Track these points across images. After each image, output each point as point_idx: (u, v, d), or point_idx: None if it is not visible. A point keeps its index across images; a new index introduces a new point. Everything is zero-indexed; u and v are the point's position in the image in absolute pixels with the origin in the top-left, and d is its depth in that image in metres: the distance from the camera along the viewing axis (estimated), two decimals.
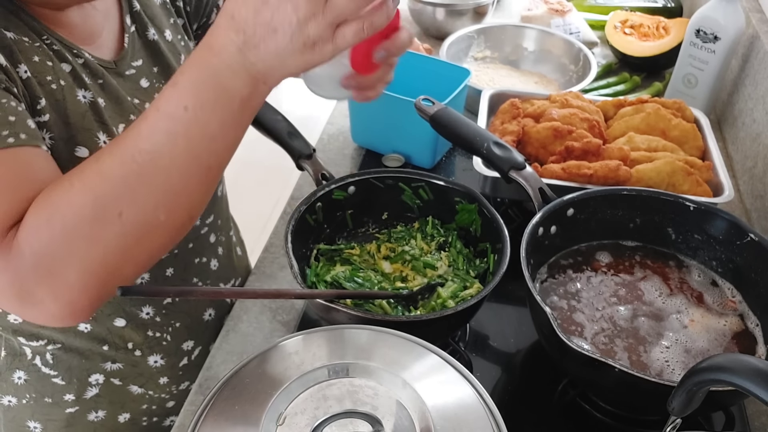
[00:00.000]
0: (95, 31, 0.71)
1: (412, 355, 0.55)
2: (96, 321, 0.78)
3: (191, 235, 0.83)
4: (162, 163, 0.54)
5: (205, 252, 0.87)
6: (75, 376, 0.80)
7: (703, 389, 0.47)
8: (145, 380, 0.85)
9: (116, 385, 0.83)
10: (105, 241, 0.55)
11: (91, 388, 0.82)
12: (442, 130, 0.87)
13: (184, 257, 0.83)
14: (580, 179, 0.91)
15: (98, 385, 0.82)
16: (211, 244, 0.89)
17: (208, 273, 0.89)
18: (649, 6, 1.51)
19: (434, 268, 0.83)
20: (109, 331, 0.79)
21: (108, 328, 0.79)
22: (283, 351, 0.55)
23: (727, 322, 0.78)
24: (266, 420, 0.48)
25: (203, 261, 0.87)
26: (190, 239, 0.83)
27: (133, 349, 0.82)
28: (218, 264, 0.90)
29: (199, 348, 0.89)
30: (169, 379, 0.87)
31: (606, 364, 0.63)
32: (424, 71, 1.15)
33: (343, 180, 0.85)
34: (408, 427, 0.48)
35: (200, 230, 0.85)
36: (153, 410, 0.88)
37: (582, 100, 1.05)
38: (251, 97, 0.56)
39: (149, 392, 0.86)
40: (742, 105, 1.16)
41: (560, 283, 0.82)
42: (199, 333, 0.89)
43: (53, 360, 0.79)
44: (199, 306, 0.88)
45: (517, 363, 0.83)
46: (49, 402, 0.81)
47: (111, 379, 0.82)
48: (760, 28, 1.15)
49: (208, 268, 0.88)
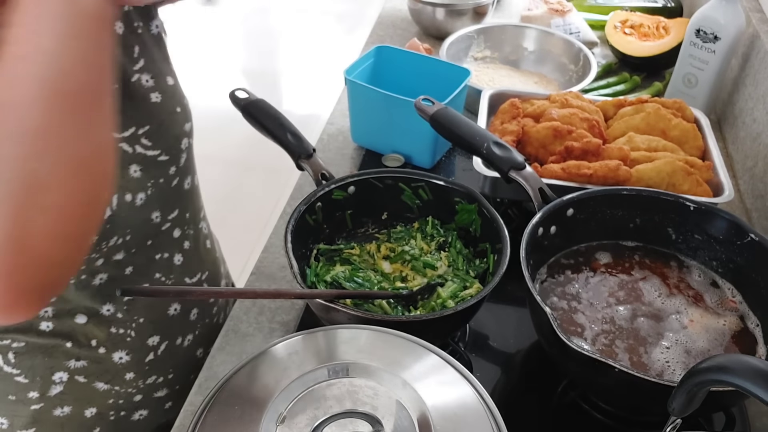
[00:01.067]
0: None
1: (412, 355, 0.55)
2: (57, 319, 0.77)
3: (150, 232, 0.80)
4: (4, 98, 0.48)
5: (167, 247, 0.84)
6: (38, 374, 0.79)
7: (704, 390, 0.47)
8: (110, 377, 0.84)
9: (81, 382, 0.82)
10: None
11: (55, 386, 0.81)
12: (442, 130, 0.87)
13: (144, 254, 0.81)
14: (580, 179, 0.91)
15: (62, 383, 0.81)
16: (175, 239, 0.85)
17: (172, 268, 0.86)
18: (649, 6, 1.51)
19: (434, 268, 0.83)
20: (72, 329, 0.78)
21: (70, 326, 0.78)
22: (283, 351, 0.55)
23: (726, 322, 0.78)
24: (266, 420, 0.48)
25: (165, 257, 0.84)
26: (149, 236, 0.80)
27: (96, 346, 0.81)
28: (183, 258, 0.87)
29: (166, 343, 0.88)
30: (136, 375, 0.86)
31: (606, 364, 0.63)
32: (424, 71, 1.15)
33: (342, 180, 0.85)
34: (408, 427, 0.48)
35: (161, 226, 0.82)
36: (120, 405, 0.87)
37: (582, 100, 1.05)
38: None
39: (115, 388, 0.85)
40: (743, 105, 1.16)
41: (560, 283, 0.82)
42: (165, 328, 0.87)
43: (15, 359, 0.78)
44: (164, 301, 0.87)
45: (517, 363, 0.83)
46: (13, 399, 0.80)
47: (75, 376, 0.81)
48: (761, 28, 1.15)
49: (171, 264, 0.86)
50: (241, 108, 0.90)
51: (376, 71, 1.16)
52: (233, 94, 0.91)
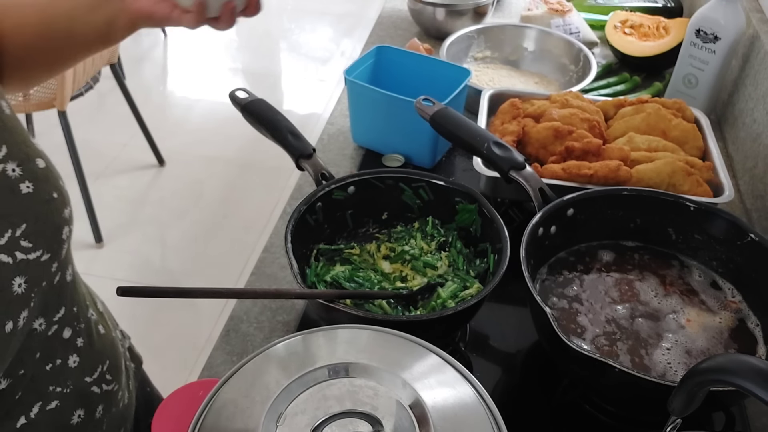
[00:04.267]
0: None
1: (412, 355, 0.55)
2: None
3: (35, 345, 0.67)
4: None
5: (57, 354, 0.72)
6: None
7: (704, 389, 0.47)
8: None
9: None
10: None
11: None
12: (442, 130, 0.87)
13: (32, 372, 0.68)
14: (580, 179, 0.91)
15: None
16: (65, 341, 0.73)
17: (67, 373, 0.73)
18: (649, 6, 1.51)
19: (434, 268, 0.83)
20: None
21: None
22: (283, 351, 0.55)
23: (722, 320, 0.78)
24: (266, 420, 0.48)
25: (58, 363, 0.72)
26: (35, 348, 0.67)
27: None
28: (79, 358, 0.75)
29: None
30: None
31: (606, 364, 0.63)
32: (424, 71, 1.15)
33: (343, 180, 0.85)
34: (408, 427, 0.48)
35: (47, 332, 0.69)
36: None
37: (582, 100, 1.05)
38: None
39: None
40: (743, 105, 1.16)
41: (560, 283, 0.82)
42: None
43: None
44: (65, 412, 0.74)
45: (517, 363, 0.83)
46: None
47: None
48: (761, 28, 1.15)
49: (66, 369, 0.73)
50: (241, 108, 0.90)
51: (376, 71, 1.16)
52: (233, 95, 0.91)
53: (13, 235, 0.61)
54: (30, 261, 0.63)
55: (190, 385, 0.73)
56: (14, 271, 0.61)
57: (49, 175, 0.67)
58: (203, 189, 2.74)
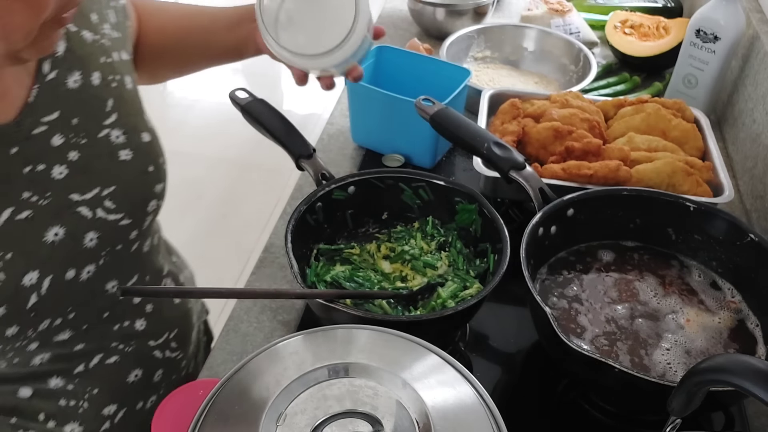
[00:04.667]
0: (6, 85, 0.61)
1: (412, 355, 0.55)
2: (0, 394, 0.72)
3: (105, 304, 0.74)
4: None
5: (126, 316, 0.78)
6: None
7: (703, 389, 0.47)
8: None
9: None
10: None
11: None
12: (442, 130, 0.87)
13: (98, 329, 0.75)
14: (580, 179, 0.91)
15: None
16: (135, 306, 0.79)
17: (133, 335, 0.80)
18: (649, 6, 1.51)
19: (434, 268, 0.83)
20: (15, 404, 0.73)
21: (12, 401, 0.73)
22: (283, 351, 0.55)
23: (721, 319, 0.78)
24: (266, 420, 0.48)
25: (125, 325, 0.78)
26: (104, 308, 0.74)
27: (45, 419, 0.74)
28: (146, 323, 0.81)
29: (124, 410, 0.81)
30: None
31: (606, 364, 0.63)
32: (424, 71, 1.15)
33: (343, 180, 0.85)
34: (408, 427, 0.48)
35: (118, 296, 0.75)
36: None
37: (582, 100, 1.05)
38: None
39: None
40: (743, 105, 1.16)
41: (560, 283, 0.82)
42: (124, 396, 0.81)
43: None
44: (122, 369, 0.80)
45: (517, 363, 0.83)
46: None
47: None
48: (761, 29, 1.15)
49: (132, 331, 0.79)
50: (241, 108, 0.90)
51: (376, 71, 1.16)
52: (233, 95, 0.91)
53: (99, 194, 0.67)
54: (108, 221, 0.69)
55: (190, 385, 0.73)
56: (90, 225, 0.67)
57: (151, 150, 0.74)
58: (203, 189, 2.73)
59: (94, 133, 0.68)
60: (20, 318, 0.64)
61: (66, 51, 0.67)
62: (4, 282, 0.61)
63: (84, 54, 0.68)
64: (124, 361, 0.80)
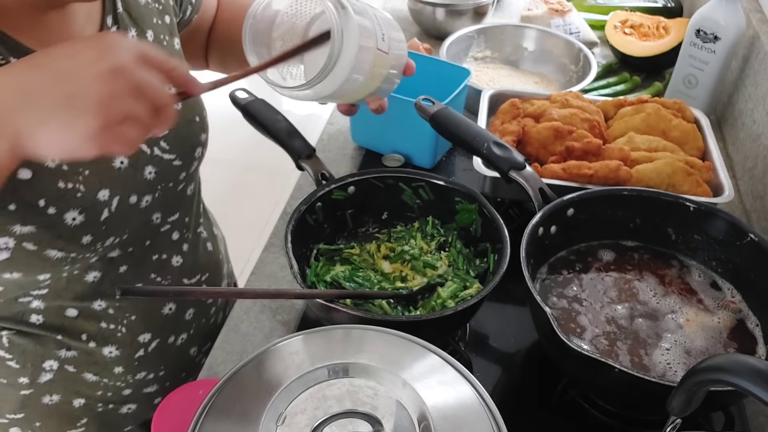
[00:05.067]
0: (74, 36, 0.68)
1: (412, 355, 0.55)
2: (47, 312, 0.77)
3: (149, 233, 0.81)
4: None
5: (165, 249, 0.85)
6: (29, 360, 0.80)
7: (703, 389, 0.47)
8: (99, 369, 0.84)
9: (70, 372, 0.82)
10: None
11: (45, 373, 0.81)
12: (442, 130, 0.87)
13: (139, 254, 0.81)
14: (580, 179, 0.91)
15: (52, 371, 0.81)
16: (173, 242, 0.87)
17: (169, 269, 0.87)
18: (649, 6, 1.51)
19: (434, 268, 0.83)
20: (62, 323, 0.79)
21: (60, 320, 0.79)
22: (283, 351, 0.55)
23: (721, 319, 0.78)
24: (266, 420, 0.48)
25: (163, 258, 0.85)
26: (147, 236, 0.81)
27: (87, 340, 0.81)
28: (182, 260, 0.88)
29: (157, 341, 0.88)
30: (125, 369, 0.86)
31: (606, 364, 0.63)
32: (424, 71, 1.14)
33: (343, 180, 0.85)
34: (408, 427, 0.48)
35: (160, 228, 0.83)
36: (108, 397, 0.87)
37: (582, 100, 1.05)
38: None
39: (104, 380, 0.85)
40: (743, 105, 1.16)
41: (560, 283, 0.82)
42: (157, 327, 0.87)
43: (8, 344, 0.79)
44: (158, 300, 0.87)
45: (517, 363, 0.83)
46: (4, 383, 0.81)
47: (65, 366, 0.82)
48: (761, 29, 1.15)
49: (168, 265, 0.86)
50: (241, 108, 0.90)
51: None
52: (233, 95, 0.91)
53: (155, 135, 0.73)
54: (163, 159, 0.77)
55: (190, 385, 0.73)
56: (148, 160, 0.75)
57: (196, 104, 0.84)
58: (203, 189, 2.73)
59: None
60: (94, 228, 0.71)
61: (123, 9, 0.74)
62: (83, 194, 0.68)
63: (137, 15, 0.76)
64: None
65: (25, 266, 0.69)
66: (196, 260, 0.92)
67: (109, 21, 0.72)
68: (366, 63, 0.66)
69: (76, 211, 0.68)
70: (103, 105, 0.50)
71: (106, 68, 0.51)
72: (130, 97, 0.52)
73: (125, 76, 0.51)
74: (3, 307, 0.76)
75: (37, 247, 0.68)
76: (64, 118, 0.50)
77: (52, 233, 0.67)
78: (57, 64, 0.51)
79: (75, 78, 0.50)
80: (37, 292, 0.75)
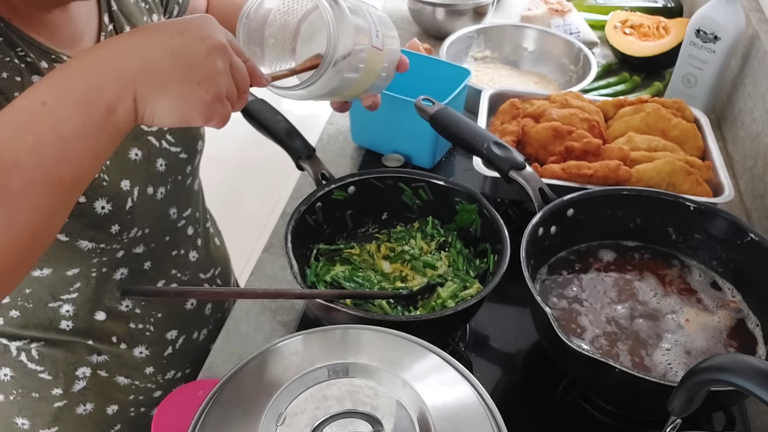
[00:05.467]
0: (78, 33, 0.71)
1: (412, 355, 0.55)
2: (77, 317, 0.78)
3: (168, 228, 0.84)
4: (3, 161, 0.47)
5: (182, 244, 0.88)
6: (61, 370, 0.80)
7: (704, 389, 0.47)
8: (130, 371, 0.85)
9: (103, 377, 0.83)
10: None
11: (78, 381, 0.82)
12: (442, 130, 0.87)
13: (161, 250, 0.84)
14: (580, 179, 0.91)
15: (85, 378, 0.82)
16: (188, 237, 0.89)
17: (187, 264, 0.89)
18: (649, 6, 1.51)
19: (434, 268, 0.83)
20: (91, 326, 0.80)
21: (89, 323, 0.79)
22: (283, 351, 0.55)
23: (720, 319, 0.78)
24: (266, 420, 0.48)
25: (181, 253, 0.88)
26: (166, 232, 0.84)
27: (117, 342, 0.82)
28: (197, 255, 0.91)
29: (183, 337, 0.90)
30: (155, 369, 0.88)
31: (606, 364, 0.63)
32: (424, 71, 1.15)
33: (343, 180, 0.85)
34: (408, 427, 0.48)
35: (177, 223, 0.86)
36: (140, 401, 0.88)
37: (582, 100, 1.05)
38: (117, 107, 0.51)
39: (135, 382, 0.86)
40: (742, 104, 1.16)
41: (560, 283, 0.82)
42: (182, 322, 0.90)
43: (39, 356, 0.79)
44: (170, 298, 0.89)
45: (517, 363, 0.83)
46: (37, 397, 0.81)
47: (97, 371, 0.83)
48: (760, 28, 1.15)
49: (186, 260, 0.89)
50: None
51: None
52: None
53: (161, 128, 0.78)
54: (171, 151, 0.79)
55: (190, 385, 0.73)
56: (159, 153, 0.77)
57: None
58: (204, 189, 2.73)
59: None
60: (121, 217, 0.72)
61: (116, 8, 0.76)
62: (108, 183, 0.71)
63: (129, 13, 0.77)
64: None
65: (57, 259, 0.71)
66: (209, 254, 0.96)
67: (106, 19, 0.74)
68: (361, 61, 0.66)
69: (104, 200, 0.70)
70: (213, 78, 0.54)
71: (214, 45, 0.54)
72: (228, 75, 0.56)
73: (227, 55, 0.56)
74: (32, 313, 0.76)
75: (69, 238, 0.69)
76: (182, 88, 0.53)
77: (83, 222, 0.69)
78: (170, 40, 0.53)
79: (189, 52, 0.53)
80: (67, 296, 0.76)
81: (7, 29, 0.62)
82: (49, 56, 0.66)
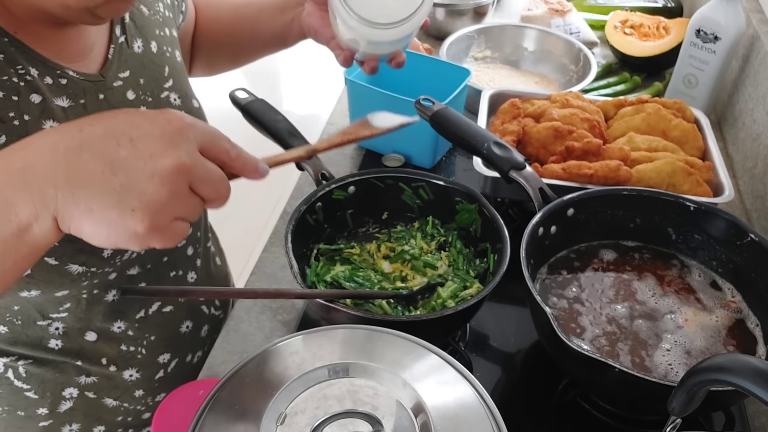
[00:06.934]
0: (87, 47, 0.69)
1: (412, 355, 0.55)
2: (67, 336, 0.76)
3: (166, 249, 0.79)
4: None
5: (181, 265, 0.86)
6: (48, 390, 0.78)
7: (704, 389, 0.47)
8: (120, 393, 0.83)
9: (91, 398, 0.81)
10: None
11: (65, 401, 0.80)
12: (442, 130, 0.87)
13: (157, 271, 0.81)
14: (580, 179, 0.91)
15: (72, 399, 0.80)
16: (188, 257, 0.87)
17: (185, 285, 0.87)
18: (649, 6, 1.51)
19: (434, 268, 0.83)
20: (81, 347, 0.78)
21: (79, 344, 0.78)
22: (283, 351, 0.55)
23: (719, 318, 0.78)
24: (266, 420, 0.48)
25: (179, 274, 0.86)
26: (164, 253, 0.81)
27: (107, 364, 0.80)
28: (196, 276, 0.89)
29: (176, 360, 0.88)
30: (145, 392, 0.86)
31: (606, 364, 0.63)
32: (424, 71, 1.15)
33: (343, 180, 0.85)
34: (408, 427, 0.48)
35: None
36: (128, 422, 0.86)
37: (582, 100, 1.05)
38: (33, 226, 0.46)
39: (124, 404, 0.84)
40: (743, 105, 1.16)
41: (560, 283, 0.82)
42: (176, 345, 0.88)
43: (26, 374, 0.77)
44: (176, 318, 0.87)
45: (517, 363, 0.83)
46: (23, 415, 0.79)
47: (85, 392, 0.81)
48: (761, 29, 1.15)
49: (184, 281, 0.87)
50: (241, 108, 0.90)
51: None
52: (233, 95, 0.91)
53: None
54: None
55: (190, 385, 0.73)
56: None
57: (200, 114, 0.86)
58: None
59: (157, 93, 0.77)
60: None
61: (129, 20, 0.75)
62: None
63: (142, 25, 0.77)
64: (178, 311, 0.87)
65: (45, 282, 0.67)
66: (209, 274, 0.94)
67: (117, 31, 0.73)
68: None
69: None
70: (156, 209, 0.46)
71: (167, 167, 0.46)
72: (185, 197, 0.48)
73: (185, 176, 0.47)
74: (21, 331, 0.74)
75: (59, 262, 0.66)
76: (111, 214, 0.46)
77: (74, 247, 0.66)
78: (116, 149, 0.46)
79: (130, 171, 0.46)
80: (56, 315, 0.74)
81: (10, 44, 0.61)
82: (54, 71, 0.65)
